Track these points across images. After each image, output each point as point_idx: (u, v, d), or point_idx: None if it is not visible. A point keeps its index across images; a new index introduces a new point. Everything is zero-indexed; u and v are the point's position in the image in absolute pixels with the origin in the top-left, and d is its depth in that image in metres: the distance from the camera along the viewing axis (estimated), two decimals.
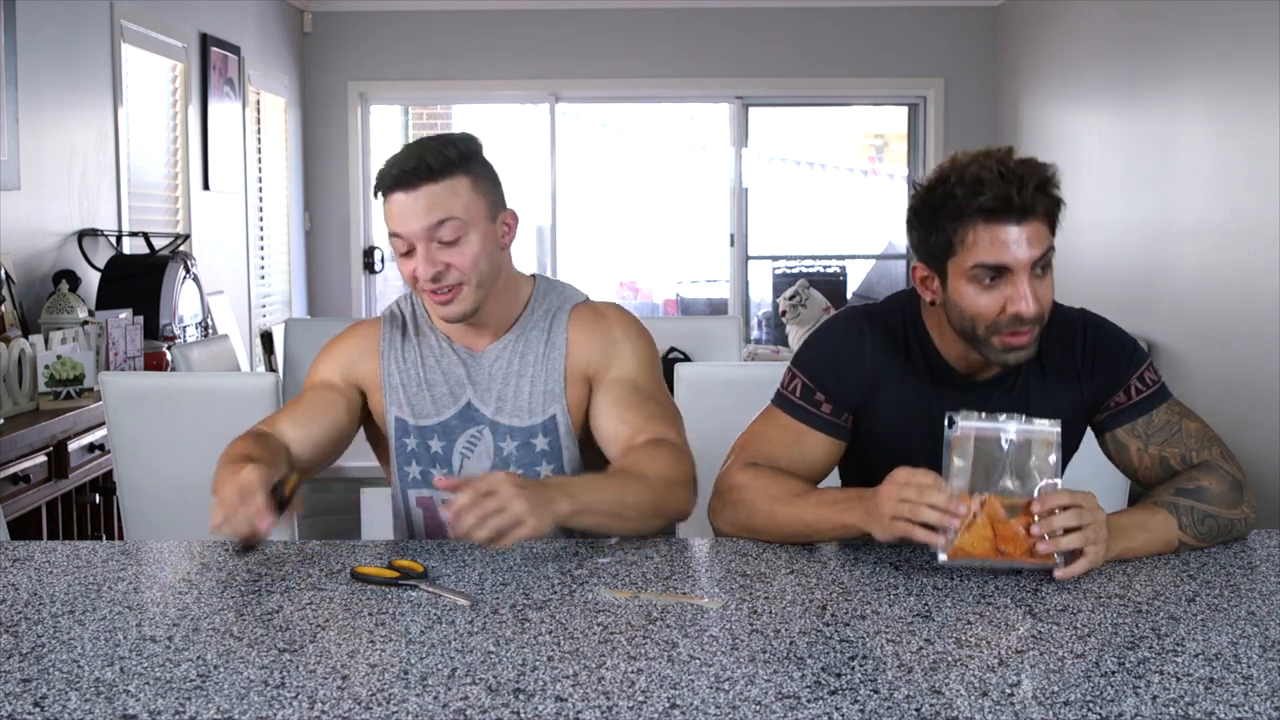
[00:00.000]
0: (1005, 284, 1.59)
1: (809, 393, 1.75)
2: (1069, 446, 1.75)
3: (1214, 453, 1.68)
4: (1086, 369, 1.74)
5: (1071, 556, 1.47)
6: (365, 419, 1.93)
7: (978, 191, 1.56)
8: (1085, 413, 1.76)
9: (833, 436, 1.76)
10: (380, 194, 1.76)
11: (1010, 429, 1.48)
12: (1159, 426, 1.71)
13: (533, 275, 1.92)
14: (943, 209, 1.60)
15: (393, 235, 1.75)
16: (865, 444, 1.79)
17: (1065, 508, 1.46)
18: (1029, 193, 1.56)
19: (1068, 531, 1.46)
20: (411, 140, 1.88)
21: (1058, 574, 1.46)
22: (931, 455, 1.58)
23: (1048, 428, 1.48)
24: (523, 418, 1.81)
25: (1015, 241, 1.57)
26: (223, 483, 1.60)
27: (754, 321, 7.46)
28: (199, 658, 1.24)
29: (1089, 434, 1.83)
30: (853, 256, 7.70)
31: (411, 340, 1.87)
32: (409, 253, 1.74)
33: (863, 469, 1.83)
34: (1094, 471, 1.89)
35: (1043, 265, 1.60)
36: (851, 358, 1.75)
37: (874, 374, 1.74)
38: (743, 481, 1.70)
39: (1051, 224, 1.61)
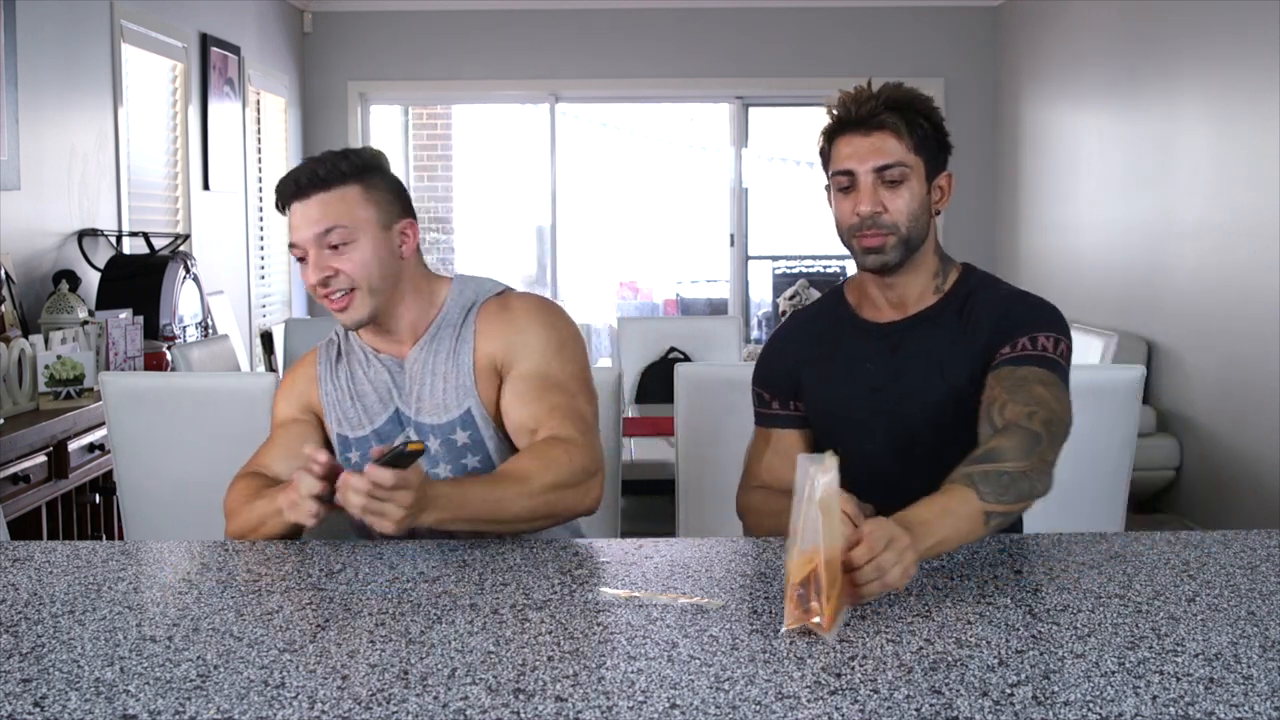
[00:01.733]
0: (855, 190, 1.78)
1: (759, 398, 1.97)
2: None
3: (1024, 412, 1.61)
4: (992, 322, 1.78)
5: None
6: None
7: (834, 112, 1.81)
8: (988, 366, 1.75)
9: (792, 428, 1.94)
10: (281, 208, 1.87)
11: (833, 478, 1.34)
12: (1017, 379, 1.67)
13: (450, 276, 1.96)
14: (822, 133, 1.83)
15: (290, 246, 1.86)
16: (816, 422, 1.92)
17: (868, 559, 1.33)
18: (872, 106, 1.76)
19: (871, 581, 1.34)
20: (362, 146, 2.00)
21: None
22: (860, 419, 1.82)
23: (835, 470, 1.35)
24: (439, 415, 1.85)
25: (858, 150, 1.77)
26: (278, 494, 1.72)
27: (754, 321, 7.47)
28: (199, 658, 1.24)
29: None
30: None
31: (343, 360, 1.95)
32: (304, 259, 1.83)
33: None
34: (1094, 466, 1.89)
35: (893, 177, 1.76)
36: (774, 354, 1.98)
37: (796, 358, 1.92)
38: (741, 505, 1.95)
39: (917, 145, 1.77)
